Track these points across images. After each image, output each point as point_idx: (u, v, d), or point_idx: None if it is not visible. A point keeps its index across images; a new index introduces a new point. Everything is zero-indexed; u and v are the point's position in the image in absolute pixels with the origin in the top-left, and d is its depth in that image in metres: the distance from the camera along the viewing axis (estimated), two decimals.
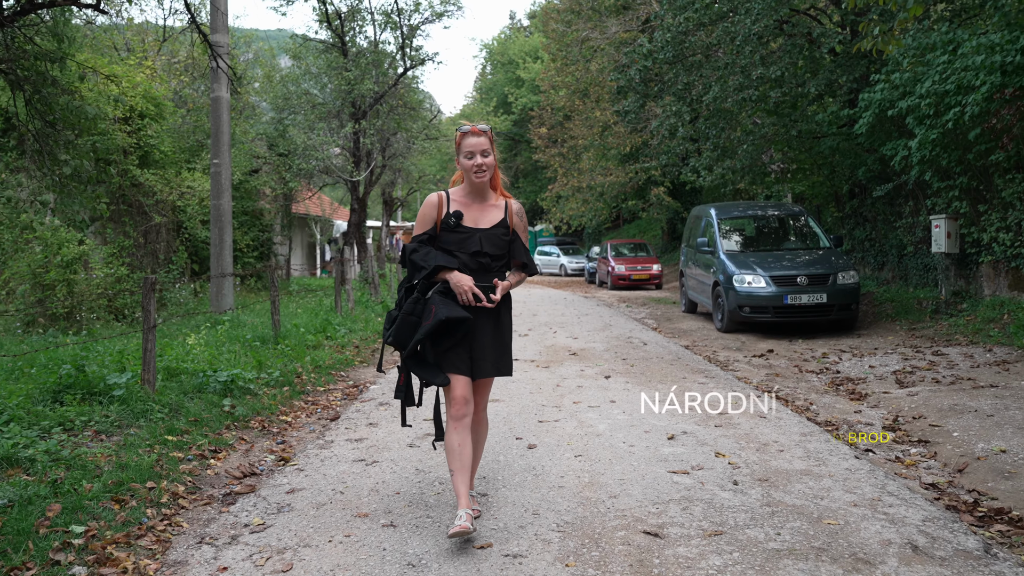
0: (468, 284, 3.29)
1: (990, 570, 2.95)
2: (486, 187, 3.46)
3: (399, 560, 3.08)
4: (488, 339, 3.43)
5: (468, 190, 3.47)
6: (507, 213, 3.48)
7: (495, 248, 3.40)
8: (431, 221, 3.44)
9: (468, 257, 3.37)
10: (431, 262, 3.30)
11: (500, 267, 3.48)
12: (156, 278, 5.71)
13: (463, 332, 3.32)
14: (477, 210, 3.44)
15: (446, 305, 3.26)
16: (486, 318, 3.41)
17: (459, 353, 3.36)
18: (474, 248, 3.37)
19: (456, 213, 3.38)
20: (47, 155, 5.14)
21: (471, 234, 3.38)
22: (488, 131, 3.39)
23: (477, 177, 3.36)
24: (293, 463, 4.52)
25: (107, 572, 2.95)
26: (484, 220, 3.43)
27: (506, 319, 3.53)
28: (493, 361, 3.45)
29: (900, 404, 6.16)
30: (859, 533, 3.32)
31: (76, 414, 5.06)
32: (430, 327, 3.23)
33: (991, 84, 8.54)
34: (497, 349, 3.47)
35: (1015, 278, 9.88)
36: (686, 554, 3.11)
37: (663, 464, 4.37)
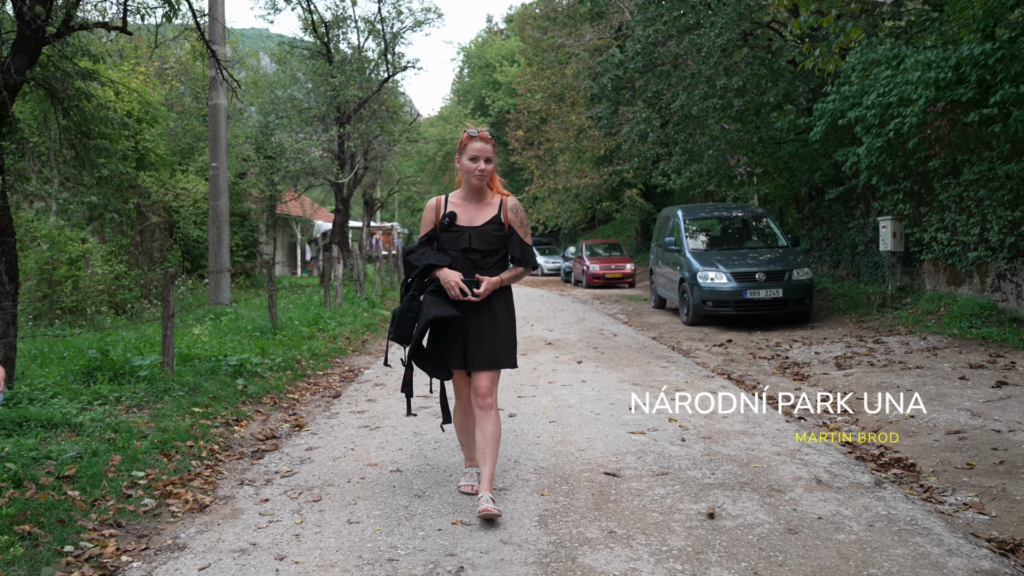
0: (455, 279, 3.47)
1: (874, 495, 3.75)
2: (484, 188, 3.64)
3: (407, 493, 3.82)
4: (482, 333, 3.56)
5: (466, 191, 3.66)
6: (501, 209, 3.64)
7: (485, 244, 3.56)
8: (431, 223, 3.67)
9: (459, 254, 3.55)
10: (423, 261, 3.50)
11: (494, 263, 3.62)
12: (174, 271, 6.37)
13: (455, 328, 3.51)
14: (473, 209, 3.62)
15: (436, 304, 3.46)
16: (479, 313, 3.55)
17: (453, 348, 3.57)
18: (463, 245, 3.54)
19: (451, 214, 3.59)
20: (87, 162, 5.76)
21: (462, 232, 3.57)
22: (492, 138, 3.59)
23: (477, 180, 3.55)
24: (307, 429, 5.23)
25: (172, 503, 3.65)
26: (478, 218, 3.61)
27: (503, 313, 3.64)
28: (488, 354, 3.56)
29: (835, 383, 7.01)
30: (777, 472, 4.12)
31: (108, 391, 5.72)
32: (422, 326, 3.47)
33: (926, 98, 9.44)
34: (493, 343, 3.57)
35: (952, 274, 10.81)
36: (637, 487, 3.89)
37: (624, 427, 5.15)
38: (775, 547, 3.12)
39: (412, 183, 34.09)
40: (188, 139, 15.24)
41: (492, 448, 3.56)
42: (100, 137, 6.35)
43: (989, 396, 5.98)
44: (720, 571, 2.89)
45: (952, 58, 9.23)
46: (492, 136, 3.58)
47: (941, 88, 9.35)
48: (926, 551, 3.07)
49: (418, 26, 18.55)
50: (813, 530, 3.30)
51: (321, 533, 3.32)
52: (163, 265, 12.53)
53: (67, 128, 5.50)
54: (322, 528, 3.37)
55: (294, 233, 32.55)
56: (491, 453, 3.55)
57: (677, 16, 14.64)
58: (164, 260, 12.85)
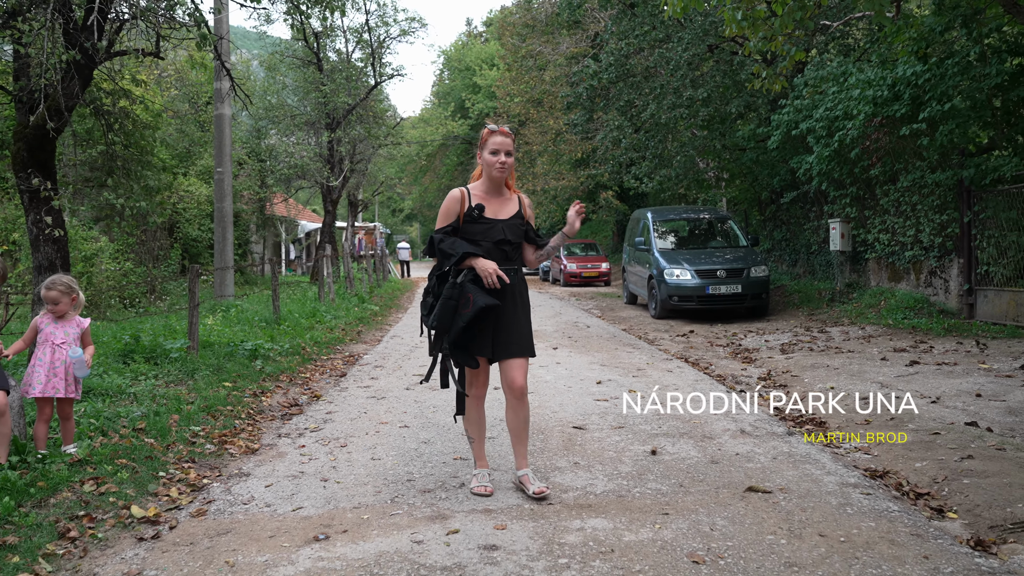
0: (492, 267, 3.55)
1: (783, 440, 4.77)
2: (503, 182, 3.78)
3: (415, 440, 4.79)
4: (512, 322, 3.68)
5: (487, 185, 3.76)
6: (521, 206, 3.82)
7: (515, 236, 3.73)
8: (454, 214, 3.70)
9: (492, 245, 3.65)
10: (459, 249, 3.58)
11: (518, 255, 3.79)
12: (199, 267, 7.27)
13: (491, 318, 3.61)
14: (496, 203, 3.75)
15: (481, 293, 3.53)
16: (511, 303, 3.68)
17: (484, 336, 3.64)
18: (498, 237, 3.66)
19: (479, 206, 3.67)
20: (132, 172, 6.61)
21: (494, 224, 3.68)
22: (512, 133, 3.74)
23: (498, 172, 3.66)
24: (323, 399, 6.17)
25: (229, 448, 4.58)
26: (503, 212, 3.75)
27: (526, 303, 3.82)
28: (521, 343, 3.70)
29: (777, 364, 8.06)
30: (711, 426, 5.13)
31: (147, 370, 6.61)
32: (470, 315, 3.49)
33: (865, 113, 10.54)
34: (521, 332, 3.71)
35: (892, 271, 11.95)
36: (598, 436, 4.88)
37: (591, 396, 6.14)
38: (699, 471, 4.12)
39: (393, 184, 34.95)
40: (185, 143, 16.03)
41: (526, 428, 3.82)
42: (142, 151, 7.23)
43: (901, 372, 7.05)
44: (656, 484, 3.89)
45: (889, 78, 10.34)
46: (512, 132, 3.74)
47: (879, 104, 10.45)
48: (811, 472, 4.09)
49: (403, 35, 19.47)
50: (729, 461, 4.31)
51: (352, 466, 4.27)
52: (166, 263, 13.35)
53: (112, 142, 6.37)
54: (352, 463, 4.33)
55: (279, 233, 33.24)
56: (526, 433, 3.82)
57: (647, 30, 15.71)
58: (167, 258, 13.66)
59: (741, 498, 3.68)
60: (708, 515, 3.44)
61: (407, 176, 44.91)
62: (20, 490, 3.52)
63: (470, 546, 3.10)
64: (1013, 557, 3.08)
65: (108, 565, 2.95)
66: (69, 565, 2.95)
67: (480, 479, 3.83)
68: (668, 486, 3.87)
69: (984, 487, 3.86)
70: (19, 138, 6.22)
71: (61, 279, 4.30)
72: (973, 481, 3.97)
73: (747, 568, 2.87)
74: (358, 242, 36.53)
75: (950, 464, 4.26)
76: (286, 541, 3.17)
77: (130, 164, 6.51)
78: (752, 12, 8.19)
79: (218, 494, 3.80)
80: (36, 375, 4.07)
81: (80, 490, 3.68)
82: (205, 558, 3.00)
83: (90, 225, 13.06)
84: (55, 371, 4.11)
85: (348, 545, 3.12)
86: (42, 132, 6.07)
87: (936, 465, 4.27)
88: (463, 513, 3.50)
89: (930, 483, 4.04)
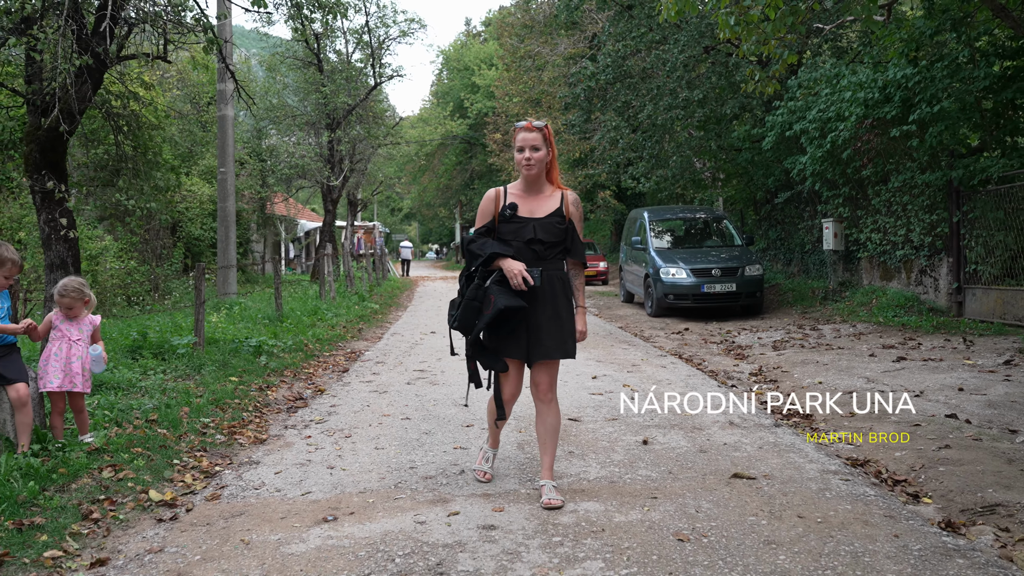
0: (519, 268, 3.45)
1: (770, 431, 4.98)
2: (540, 179, 3.64)
3: (417, 431, 4.99)
4: (545, 323, 3.56)
5: (523, 182, 3.66)
6: (563, 203, 3.63)
7: (549, 236, 3.55)
8: (490, 214, 3.63)
9: (523, 245, 3.53)
10: (487, 250, 3.51)
11: (556, 255, 3.61)
12: (204, 265, 7.46)
13: (520, 319, 3.49)
14: (533, 201, 3.62)
15: (504, 295, 3.43)
16: (542, 304, 3.55)
17: (516, 339, 3.55)
18: (528, 236, 3.53)
19: (512, 204, 3.57)
20: (141, 173, 6.80)
21: (526, 223, 3.55)
22: (543, 127, 3.54)
23: (526, 170, 3.55)
24: (327, 393, 6.37)
25: (238, 438, 4.78)
26: (540, 210, 3.60)
27: (565, 305, 3.63)
28: (551, 344, 3.58)
29: (768, 360, 8.26)
30: (701, 419, 5.33)
31: (155, 365, 6.80)
32: (490, 316, 3.41)
33: (856, 115, 10.75)
34: (556, 333, 3.58)
35: (884, 270, 12.16)
36: (592, 427, 5.08)
37: (586, 390, 6.34)
38: (687, 459, 4.33)
39: (392, 183, 35.14)
40: (187, 143, 16.21)
41: (553, 439, 3.73)
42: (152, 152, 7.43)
43: (887, 368, 7.25)
44: (646, 471, 4.09)
45: (880, 80, 10.55)
46: (541, 126, 3.55)
47: (870, 106, 10.66)
48: (794, 460, 4.29)
49: (403, 36, 19.65)
50: (717, 450, 4.51)
51: (356, 454, 4.47)
52: (168, 262, 13.55)
53: (122, 143, 6.56)
54: (356, 452, 4.53)
55: (279, 232, 33.43)
56: (552, 443, 3.72)
57: (644, 32, 15.91)
58: (170, 257, 13.86)
59: (726, 484, 3.88)
60: (694, 499, 3.64)
61: (406, 175, 45.08)
62: (43, 476, 3.71)
63: (470, 526, 3.30)
64: (980, 537, 3.28)
65: (131, 543, 3.15)
66: (94, 543, 3.15)
67: (484, 456, 3.91)
68: (658, 473, 4.07)
69: (958, 474, 4.07)
70: (31, 140, 6.40)
71: (72, 285, 4.39)
72: (948, 469, 4.17)
73: (728, 545, 3.07)
74: (357, 241, 36.73)
75: (928, 453, 4.46)
76: (297, 522, 3.37)
77: (139, 165, 6.69)
78: (745, 16, 8.38)
79: (230, 480, 4.00)
80: (52, 370, 4.26)
81: (99, 476, 3.88)
82: (221, 537, 3.20)
83: (94, 224, 13.25)
84: (70, 367, 4.30)
85: (355, 525, 3.32)
86: (54, 134, 6.26)
87: (915, 454, 4.47)
88: (463, 497, 3.70)
89: (908, 471, 4.24)
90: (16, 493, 3.43)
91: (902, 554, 2.98)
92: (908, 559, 2.93)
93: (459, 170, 45.02)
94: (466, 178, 44.49)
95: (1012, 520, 3.47)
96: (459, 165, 45.29)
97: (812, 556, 2.96)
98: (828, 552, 3.00)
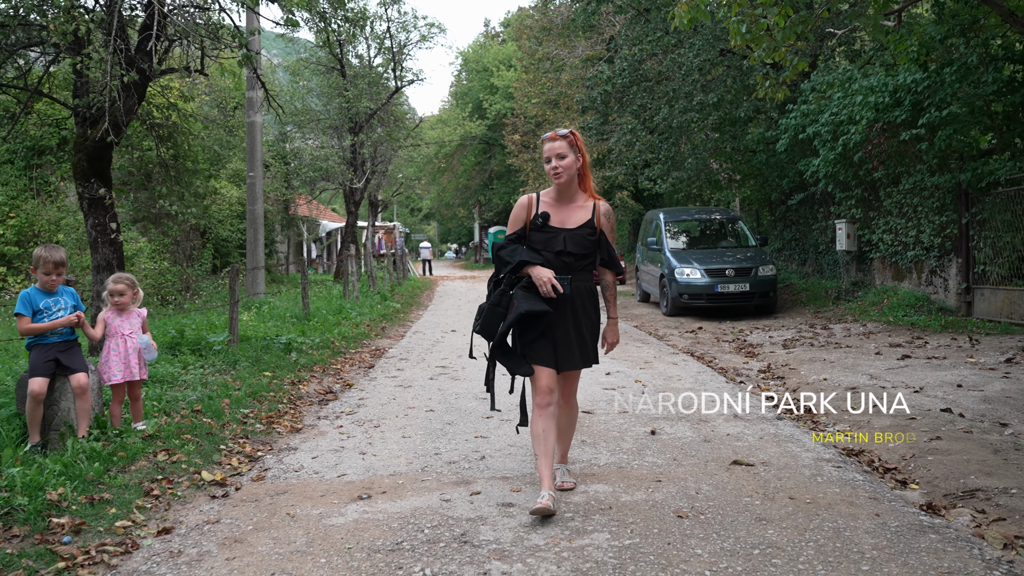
0: (548, 276, 3.45)
1: (771, 424, 5.29)
2: (572, 188, 3.62)
3: (440, 421, 5.36)
4: (572, 332, 3.59)
5: (555, 191, 3.64)
6: (595, 214, 3.62)
7: (579, 248, 3.56)
8: (521, 221, 3.63)
9: (553, 256, 3.53)
10: (516, 258, 3.51)
11: (585, 266, 3.62)
12: (238, 267, 7.89)
13: (545, 324, 3.51)
14: (565, 211, 3.61)
15: (527, 299, 3.44)
16: (574, 313, 3.58)
17: (544, 346, 3.54)
18: (558, 247, 3.53)
19: (544, 214, 3.56)
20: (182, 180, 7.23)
21: (556, 234, 3.55)
22: (568, 134, 3.55)
23: (555, 179, 3.55)
24: (355, 387, 6.76)
25: (276, 427, 5.18)
26: (571, 220, 3.59)
27: (594, 314, 3.70)
28: (576, 355, 3.63)
29: (777, 358, 8.55)
30: (707, 411, 5.66)
31: (194, 360, 7.23)
32: (512, 320, 3.44)
33: (867, 119, 10.99)
34: (580, 344, 3.62)
35: (895, 271, 12.38)
36: (604, 419, 5.42)
37: (600, 385, 6.69)
38: (692, 447, 4.66)
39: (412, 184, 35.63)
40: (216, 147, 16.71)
41: (570, 431, 3.95)
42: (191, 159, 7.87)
43: (891, 365, 7.52)
44: (652, 458, 4.43)
45: (890, 85, 10.78)
46: (566, 134, 3.56)
47: (880, 110, 10.90)
48: (791, 450, 4.61)
49: (423, 41, 20.06)
50: (720, 440, 4.84)
51: (385, 442, 4.85)
52: (199, 263, 14.05)
53: (161, 152, 7.00)
54: (385, 440, 4.91)
55: (301, 232, 34.02)
56: (568, 434, 3.94)
57: (660, 36, 16.19)
58: (199, 258, 14.36)
59: (726, 469, 4.21)
60: (695, 482, 3.98)
61: (425, 176, 45.57)
62: (105, 458, 4.12)
63: (490, 503, 3.66)
64: (957, 518, 3.59)
65: (190, 515, 3.54)
66: (157, 515, 3.54)
67: (543, 499, 3.40)
68: (663, 459, 4.41)
69: (946, 463, 4.37)
70: (79, 149, 6.85)
71: (124, 277, 4.98)
72: (937, 458, 4.47)
73: (723, 521, 3.41)
74: (378, 241, 37.26)
75: (920, 444, 4.76)
76: (335, 499, 3.75)
77: (180, 172, 7.13)
78: (756, 24, 8.66)
79: (272, 464, 4.39)
80: (114, 364, 4.68)
81: (154, 459, 4.28)
82: (269, 511, 3.58)
83: (128, 226, 13.76)
84: (129, 359, 4.72)
85: (388, 502, 3.69)
86: (101, 144, 6.70)
87: (907, 445, 4.77)
88: (484, 479, 4.06)
89: (899, 460, 4.55)
90: (84, 472, 3.84)
91: (880, 530, 3.30)
92: (885, 534, 3.25)
93: (478, 170, 45.44)
94: (485, 178, 44.91)
95: (989, 503, 3.77)
96: (478, 165, 45.70)
97: (798, 531, 3.29)
98: (813, 528, 3.32)
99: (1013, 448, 4.62)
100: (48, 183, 13.61)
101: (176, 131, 6.88)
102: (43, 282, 4.44)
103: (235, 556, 3.06)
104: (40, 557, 2.97)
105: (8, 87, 7.18)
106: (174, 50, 7.54)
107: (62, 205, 13.34)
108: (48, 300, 4.44)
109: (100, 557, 3.00)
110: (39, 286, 4.46)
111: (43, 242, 13.14)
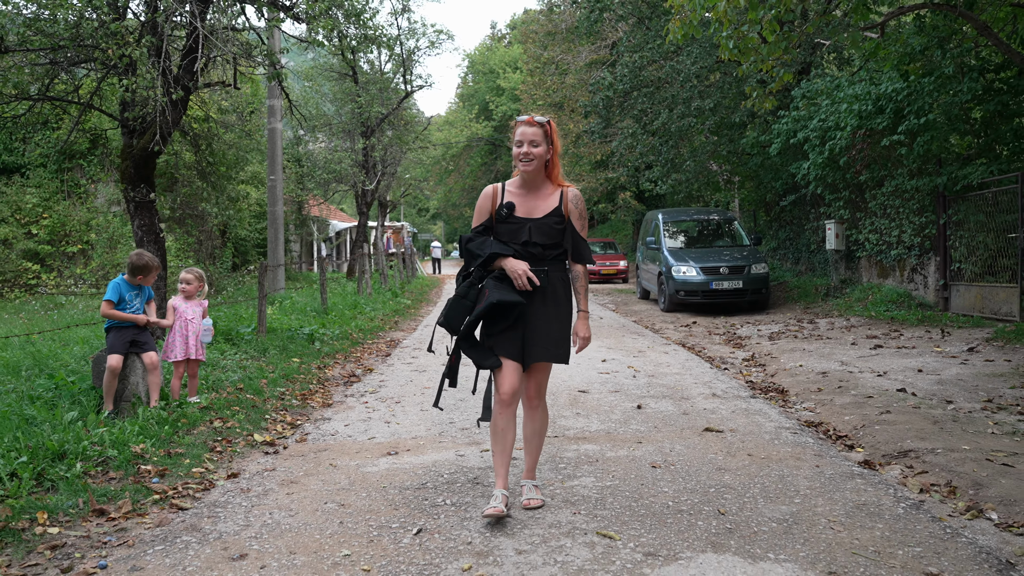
0: (523, 268, 3.33)
1: (745, 401, 6.02)
2: (538, 177, 3.47)
3: (454, 398, 6.11)
4: (543, 325, 3.41)
5: (521, 179, 3.50)
6: (561, 201, 3.47)
7: (545, 238, 3.42)
8: (486, 212, 3.49)
9: (519, 247, 3.40)
10: (486, 250, 3.37)
11: (554, 256, 3.47)
12: (267, 263, 8.64)
13: (516, 316, 3.34)
14: (531, 200, 3.47)
15: (499, 289, 3.31)
16: (541, 304, 3.41)
17: (511, 338, 3.37)
18: (524, 238, 3.40)
19: (508, 204, 3.43)
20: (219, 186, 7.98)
21: (522, 224, 3.42)
22: (545, 123, 3.40)
23: (523, 165, 3.40)
24: (375, 372, 7.51)
25: (310, 403, 5.93)
26: (537, 210, 3.45)
27: (565, 306, 3.50)
28: (547, 347, 3.42)
29: (762, 348, 9.26)
30: (689, 391, 6.39)
31: (228, 348, 7.99)
32: (482, 309, 3.28)
33: (851, 126, 11.68)
34: (552, 336, 3.43)
35: (881, 269, 13.07)
36: (597, 397, 6.16)
37: (596, 370, 7.42)
38: (672, 418, 5.39)
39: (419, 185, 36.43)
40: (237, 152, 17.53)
41: (538, 441, 3.62)
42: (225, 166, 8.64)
43: (863, 354, 8.24)
44: (636, 426, 5.17)
45: (873, 93, 11.48)
46: (544, 121, 3.42)
47: (864, 118, 11.60)
48: (758, 421, 5.34)
49: (432, 47, 20.81)
50: (697, 413, 5.57)
51: (407, 414, 5.60)
52: (220, 261, 14.85)
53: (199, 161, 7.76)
54: (407, 413, 5.66)
55: (311, 232, 34.80)
56: (536, 445, 3.63)
57: (659, 44, 16.89)
58: (221, 256, 15.16)
59: (699, 435, 4.94)
60: (670, 444, 4.71)
61: (433, 177, 46.38)
62: (172, 423, 4.87)
63: None
64: (888, 472, 4.30)
65: (251, 465, 4.29)
66: (223, 465, 4.29)
67: (496, 500, 3.36)
68: (645, 427, 5.15)
69: (889, 431, 5.08)
70: (126, 157, 7.61)
71: (196, 270, 5.74)
72: (883, 427, 5.18)
73: (688, 470, 4.14)
74: (387, 240, 38.04)
75: (871, 417, 5.47)
76: (368, 455, 4.49)
77: (219, 178, 7.87)
78: (743, 41, 9.37)
79: (311, 430, 5.14)
80: (177, 344, 5.44)
81: (212, 426, 5.03)
82: (315, 462, 4.33)
83: None
84: (189, 340, 5.48)
85: (412, 457, 4.44)
86: (147, 152, 7.46)
87: (860, 418, 5.49)
88: None
89: (851, 430, 5.26)
90: (157, 433, 4.59)
91: (817, 476, 4.03)
92: (820, 479, 3.98)
93: (484, 171, 46.24)
94: (491, 179, 45.68)
95: (918, 460, 4.49)
96: (484, 166, 46.51)
97: (749, 476, 4.01)
98: (762, 475, 4.05)
99: (951, 420, 5.33)
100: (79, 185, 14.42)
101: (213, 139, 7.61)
102: (129, 280, 5.20)
103: (293, 492, 3.80)
104: (138, 491, 3.72)
105: (60, 100, 7.94)
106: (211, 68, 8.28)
107: (92, 206, 14.14)
108: (132, 292, 5.20)
109: (186, 491, 3.75)
110: (127, 279, 5.23)
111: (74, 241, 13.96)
